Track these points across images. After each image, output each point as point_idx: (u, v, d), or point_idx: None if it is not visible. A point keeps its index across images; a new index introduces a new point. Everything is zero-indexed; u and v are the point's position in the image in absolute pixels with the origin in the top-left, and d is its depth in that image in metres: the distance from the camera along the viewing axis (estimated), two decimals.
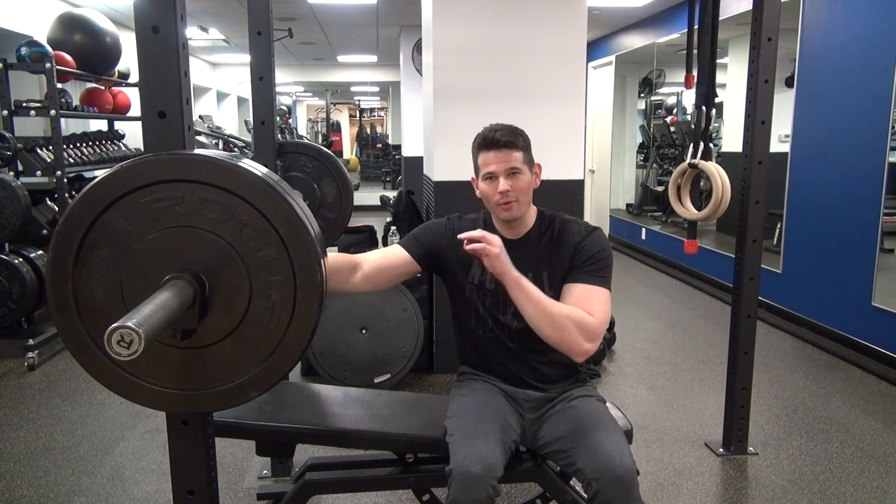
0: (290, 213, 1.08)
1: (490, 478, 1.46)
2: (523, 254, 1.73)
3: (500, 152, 1.69)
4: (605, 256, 1.70)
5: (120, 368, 1.10)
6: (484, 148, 1.72)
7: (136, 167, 1.07)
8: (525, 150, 1.73)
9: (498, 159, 1.69)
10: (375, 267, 1.76)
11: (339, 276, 1.69)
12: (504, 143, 1.69)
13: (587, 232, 1.73)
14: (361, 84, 13.76)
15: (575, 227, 1.75)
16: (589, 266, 1.68)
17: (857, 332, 3.81)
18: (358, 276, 1.73)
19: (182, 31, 1.16)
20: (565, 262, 1.71)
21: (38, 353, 3.73)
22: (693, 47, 2.65)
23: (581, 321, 1.58)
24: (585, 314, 1.60)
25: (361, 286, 1.74)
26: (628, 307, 4.90)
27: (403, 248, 1.80)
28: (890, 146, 3.58)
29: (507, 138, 1.69)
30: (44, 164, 4.16)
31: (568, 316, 1.58)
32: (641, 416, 3.08)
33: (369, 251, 1.83)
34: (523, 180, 1.70)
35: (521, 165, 1.70)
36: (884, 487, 2.47)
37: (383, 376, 3.25)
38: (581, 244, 1.70)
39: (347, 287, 1.72)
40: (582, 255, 1.69)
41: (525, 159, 1.72)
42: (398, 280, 1.85)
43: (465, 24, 3.35)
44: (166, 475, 1.70)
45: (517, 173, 1.69)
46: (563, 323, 1.57)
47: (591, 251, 1.69)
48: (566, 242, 1.72)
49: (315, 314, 1.10)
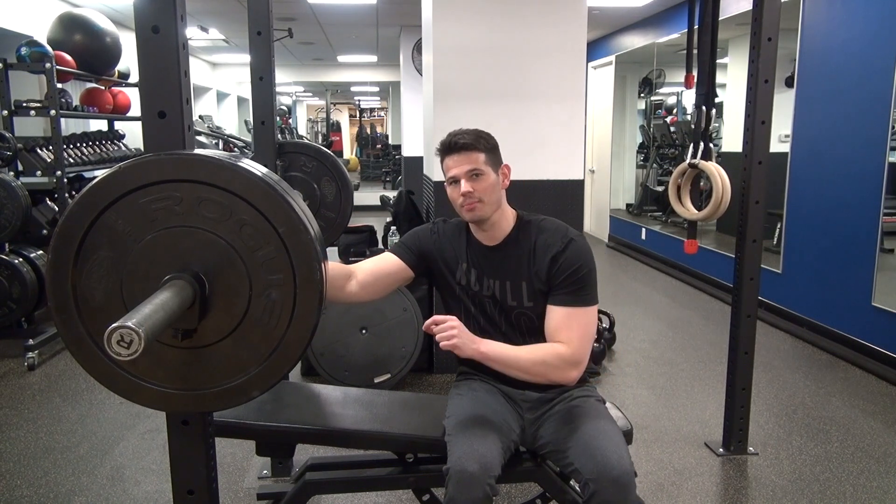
0: (290, 212, 1.08)
1: (487, 476, 1.46)
2: (501, 262, 1.75)
3: (461, 155, 1.70)
4: (584, 272, 1.68)
5: (120, 368, 1.10)
6: (446, 153, 1.74)
7: (134, 168, 1.07)
8: (488, 151, 1.73)
9: (458, 162, 1.70)
10: (370, 275, 1.78)
11: (335, 285, 1.71)
12: (462, 146, 1.70)
13: (563, 244, 1.69)
14: (361, 84, 13.76)
15: (553, 236, 1.71)
16: (568, 286, 1.67)
17: (857, 332, 3.81)
18: (353, 285, 1.75)
19: (182, 31, 1.16)
20: (542, 274, 1.69)
21: (38, 353, 3.73)
22: (693, 47, 2.65)
23: (557, 357, 1.64)
24: (561, 348, 1.64)
25: (357, 295, 1.76)
26: (628, 307, 4.90)
27: (395, 255, 1.83)
28: (890, 146, 3.58)
29: (466, 141, 1.70)
30: (44, 164, 4.16)
31: (543, 360, 1.64)
32: (641, 416, 3.08)
33: (362, 261, 1.85)
34: (486, 181, 1.70)
35: (482, 167, 1.70)
36: (884, 487, 2.47)
37: (383, 376, 3.25)
38: (558, 258, 1.68)
39: (342, 296, 1.74)
40: (561, 273, 1.67)
41: (488, 160, 1.72)
42: (393, 287, 1.87)
43: (465, 24, 3.36)
44: (166, 475, 1.70)
45: (479, 175, 1.70)
46: (540, 369, 1.65)
47: (570, 267, 1.67)
48: (542, 254, 1.70)
49: (315, 313, 1.10)
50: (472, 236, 1.81)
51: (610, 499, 1.45)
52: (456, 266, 1.80)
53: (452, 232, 1.85)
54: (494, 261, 1.76)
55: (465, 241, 1.81)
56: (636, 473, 1.50)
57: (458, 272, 1.80)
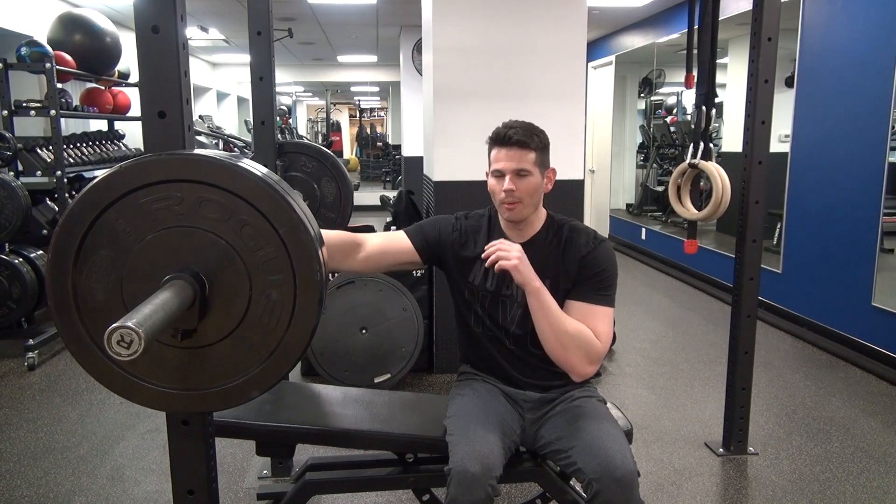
0: (290, 212, 1.07)
1: (489, 477, 1.46)
2: (528, 259, 1.73)
3: (511, 150, 1.66)
4: (611, 273, 1.69)
5: (118, 367, 1.09)
6: (496, 144, 1.70)
7: (135, 167, 1.07)
8: (539, 151, 1.69)
9: (508, 157, 1.67)
10: (378, 249, 1.76)
11: (341, 254, 1.69)
12: (515, 142, 1.66)
13: (594, 244, 1.70)
14: (361, 84, 13.75)
15: (583, 237, 1.72)
16: (594, 284, 1.67)
17: (857, 332, 3.81)
18: (360, 256, 1.72)
19: (182, 31, 1.16)
20: (571, 272, 1.69)
21: (38, 353, 3.73)
22: (693, 47, 2.65)
23: (588, 345, 1.60)
24: (594, 338, 1.61)
25: (360, 266, 1.74)
26: (628, 307, 4.90)
27: (408, 236, 1.80)
28: (890, 146, 3.58)
29: (520, 137, 1.66)
30: (44, 164, 4.16)
31: (576, 337, 1.59)
32: (641, 416, 3.08)
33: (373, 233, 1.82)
34: (531, 182, 1.67)
35: (530, 167, 1.67)
36: (884, 487, 2.47)
37: (383, 376, 3.25)
38: (587, 258, 1.68)
39: (346, 265, 1.72)
40: (588, 271, 1.67)
41: (537, 161, 1.68)
42: (397, 266, 1.85)
43: (465, 24, 3.35)
44: (166, 475, 1.70)
45: (525, 175, 1.66)
46: (570, 343, 1.59)
47: (598, 267, 1.67)
48: (573, 253, 1.70)
49: (315, 313, 1.10)
50: (498, 232, 1.76)
51: (613, 498, 1.45)
52: (471, 265, 1.77)
53: (474, 228, 1.80)
54: None
55: (486, 238, 1.76)
56: (639, 473, 1.50)
57: (472, 272, 1.77)
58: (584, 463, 1.51)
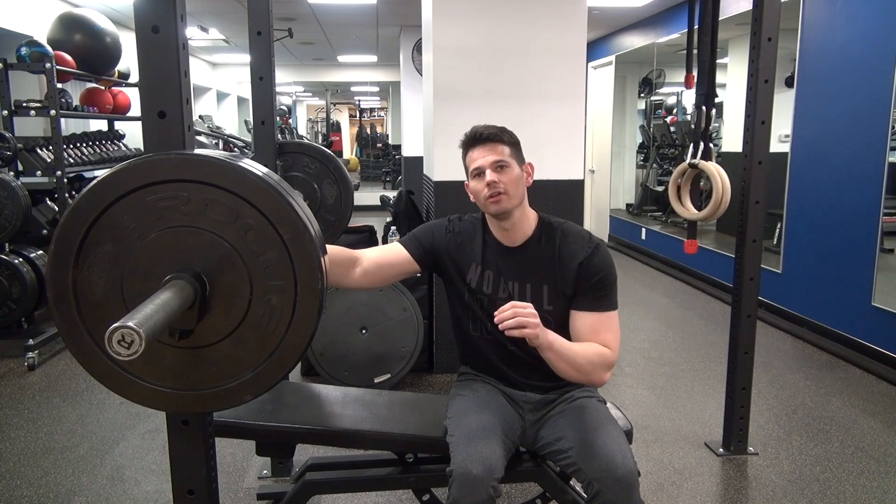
0: (294, 217, 1.07)
1: (491, 478, 1.46)
2: (523, 263, 1.72)
3: (486, 146, 1.69)
4: (611, 277, 1.70)
5: (114, 364, 1.09)
6: (470, 146, 1.72)
7: (144, 165, 1.06)
8: (511, 146, 1.72)
9: (483, 153, 1.69)
10: (375, 263, 1.75)
11: (339, 270, 1.69)
12: (487, 137, 1.69)
13: (590, 250, 1.70)
14: (361, 84, 13.76)
15: (578, 242, 1.71)
16: (597, 291, 1.68)
17: (857, 332, 3.81)
18: (357, 272, 1.72)
19: (182, 31, 1.16)
20: (569, 278, 1.69)
21: (38, 353, 3.73)
22: (693, 47, 2.65)
23: (602, 358, 1.64)
24: (606, 351, 1.64)
25: (359, 282, 1.74)
26: (628, 307, 4.90)
27: (404, 246, 1.80)
28: (890, 146, 3.58)
29: (491, 132, 1.69)
30: (44, 164, 4.16)
31: (592, 360, 1.62)
32: (641, 416, 3.08)
33: (369, 248, 1.83)
34: (512, 173, 1.68)
35: (507, 158, 1.69)
36: (884, 487, 2.47)
37: (383, 376, 3.25)
38: (586, 264, 1.68)
39: (345, 282, 1.72)
40: (589, 279, 1.67)
41: (512, 154, 1.71)
42: (397, 278, 1.85)
43: (465, 24, 3.35)
44: (166, 475, 1.70)
45: (505, 166, 1.68)
46: (587, 368, 1.62)
47: (598, 274, 1.68)
48: (569, 260, 1.69)
49: (314, 320, 1.10)
50: (491, 237, 1.77)
51: (614, 498, 1.45)
52: (468, 268, 1.77)
53: (468, 231, 1.80)
54: (515, 262, 1.73)
55: (481, 241, 1.77)
56: (639, 473, 1.50)
57: (469, 274, 1.77)
58: (584, 463, 1.51)
